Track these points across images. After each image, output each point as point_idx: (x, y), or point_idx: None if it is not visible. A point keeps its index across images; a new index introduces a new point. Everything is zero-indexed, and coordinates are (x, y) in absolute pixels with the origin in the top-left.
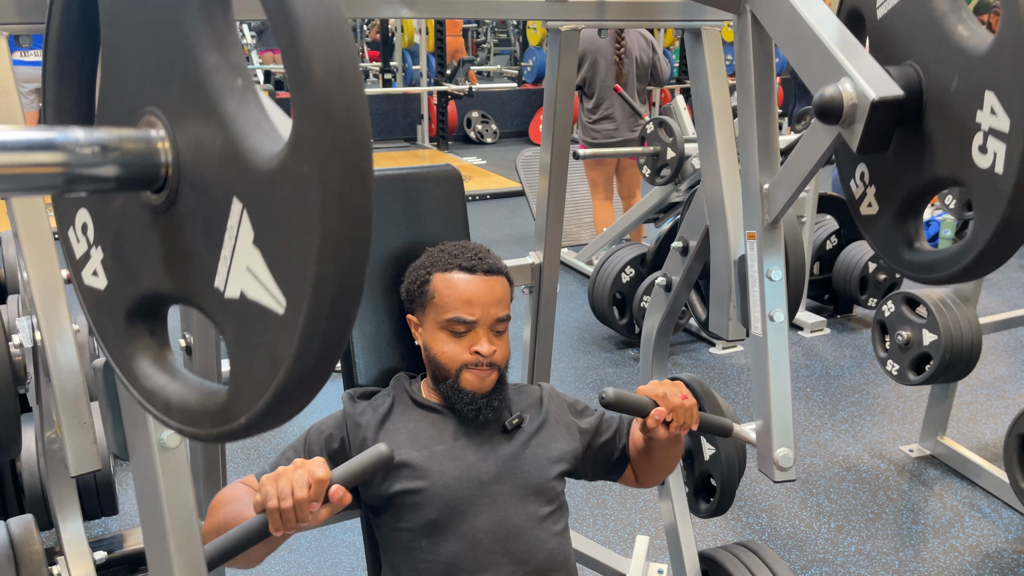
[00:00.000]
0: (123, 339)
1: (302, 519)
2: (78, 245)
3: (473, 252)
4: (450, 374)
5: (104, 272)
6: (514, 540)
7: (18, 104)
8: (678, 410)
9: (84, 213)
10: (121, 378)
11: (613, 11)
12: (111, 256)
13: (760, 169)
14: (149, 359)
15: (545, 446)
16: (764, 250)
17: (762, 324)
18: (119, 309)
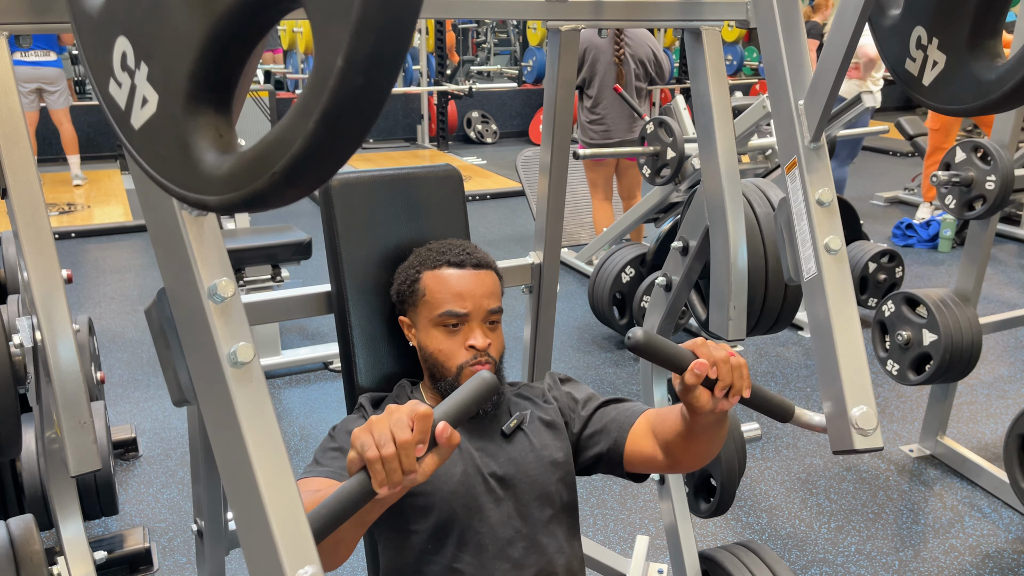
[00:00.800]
0: (187, 139)
1: (408, 468)
2: (122, 90)
3: (460, 248)
4: (449, 373)
5: (152, 86)
6: (518, 544)
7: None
8: (723, 366)
9: (122, 41)
10: (189, 197)
11: (613, 11)
12: (153, 44)
13: (792, 86)
14: (218, 148)
15: (549, 446)
16: (809, 171)
17: (816, 259)
18: (177, 107)
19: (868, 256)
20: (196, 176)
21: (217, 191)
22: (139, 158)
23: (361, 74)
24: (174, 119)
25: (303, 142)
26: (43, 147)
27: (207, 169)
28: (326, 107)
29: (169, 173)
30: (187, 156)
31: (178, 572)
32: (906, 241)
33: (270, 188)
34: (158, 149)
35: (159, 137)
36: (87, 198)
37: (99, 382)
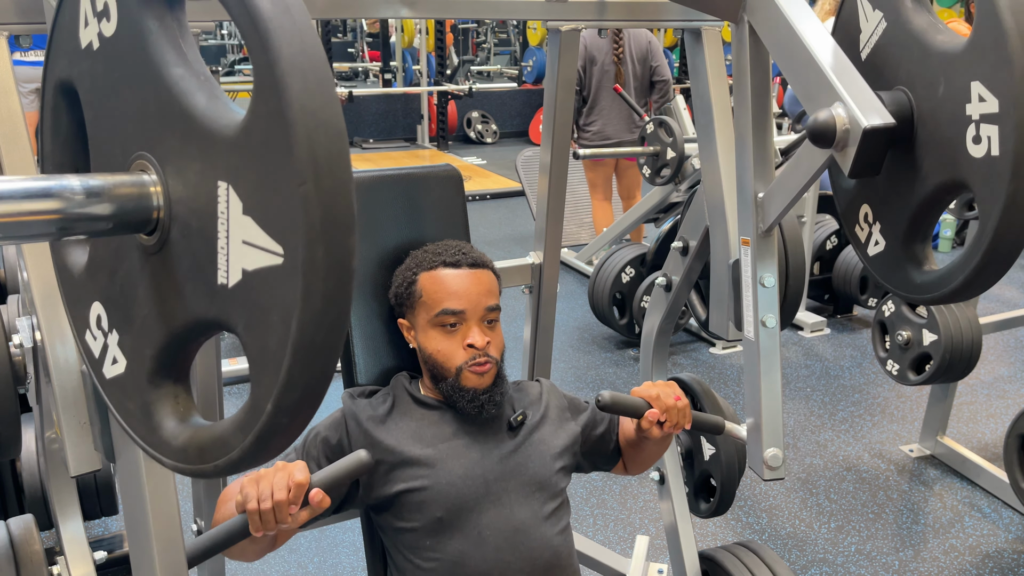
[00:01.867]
0: (150, 406)
1: (281, 520)
2: (95, 343)
3: (456, 248)
4: (449, 373)
5: (122, 352)
6: (520, 537)
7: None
8: (671, 411)
9: (97, 306)
10: (148, 451)
11: (613, 11)
12: (124, 320)
13: (755, 177)
14: (176, 416)
15: (547, 442)
16: (758, 257)
17: (755, 328)
18: (141, 375)
19: None
20: (156, 438)
21: (171, 458)
22: (109, 403)
23: (287, 415)
24: (139, 386)
25: (239, 452)
26: None
27: (166, 436)
28: (260, 432)
29: (133, 427)
30: (149, 418)
31: None
32: None
33: (213, 472)
34: (126, 403)
35: (126, 393)
36: None
37: None
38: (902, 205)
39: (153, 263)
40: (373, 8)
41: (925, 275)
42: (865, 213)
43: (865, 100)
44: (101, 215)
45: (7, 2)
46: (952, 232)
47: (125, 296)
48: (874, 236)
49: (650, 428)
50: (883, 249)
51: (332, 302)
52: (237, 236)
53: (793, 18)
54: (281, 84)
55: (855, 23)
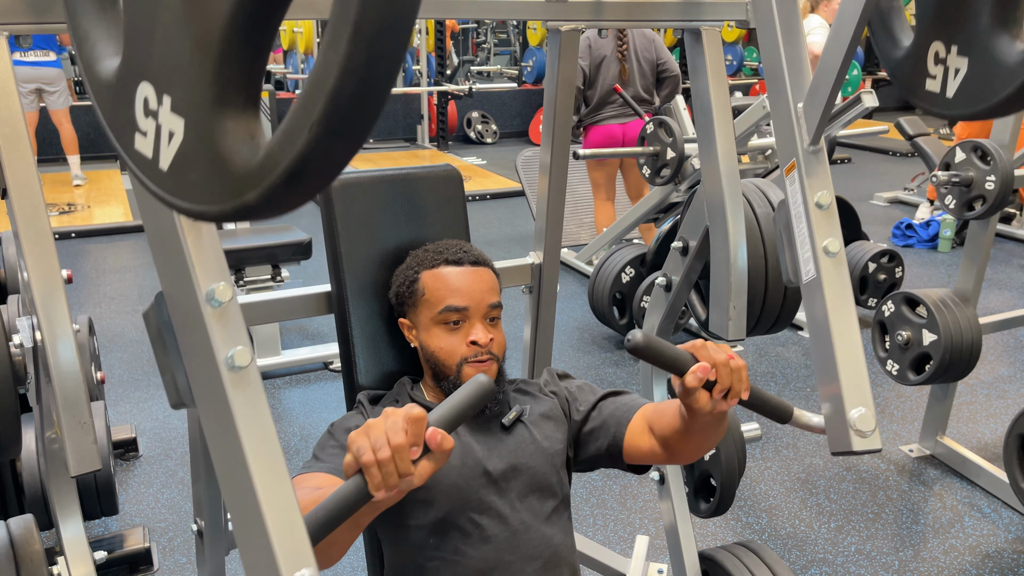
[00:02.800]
0: (219, 140)
1: (404, 471)
2: (147, 139)
3: (457, 246)
4: (451, 370)
5: (177, 113)
6: (521, 536)
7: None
8: (723, 369)
9: (144, 87)
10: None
11: (613, 11)
12: (172, 70)
13: (792, 89)
14: (248, 144)
15: (549, 438)
16: (808, 175)
17: (815, 261)
18: (204, 108)
19: (868, 256)
20: (232, 180)
21: (256, 182)
22: (172, 199)
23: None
24: (202, 135)
25: (339, 73)
26: (43, 147)
27: (242, 167)
28: (355, 22)
29: (204, 195)
30: (221, 164)
31: (178, 572)
32: (906, 241)
33: (314, 141)
34: (190, 177)
35: (189, 163)
36: (87, 198)
37: (99, 382)
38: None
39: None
40: None
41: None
42: (935, 53)
43: None
44: None
45: (7, 2)
46: (952, 232)
47: (168, 37)
48: (951, 66)
49: (696, 391)
50: (966, 70)
51: None
52: None
53: None
54: None
55: None
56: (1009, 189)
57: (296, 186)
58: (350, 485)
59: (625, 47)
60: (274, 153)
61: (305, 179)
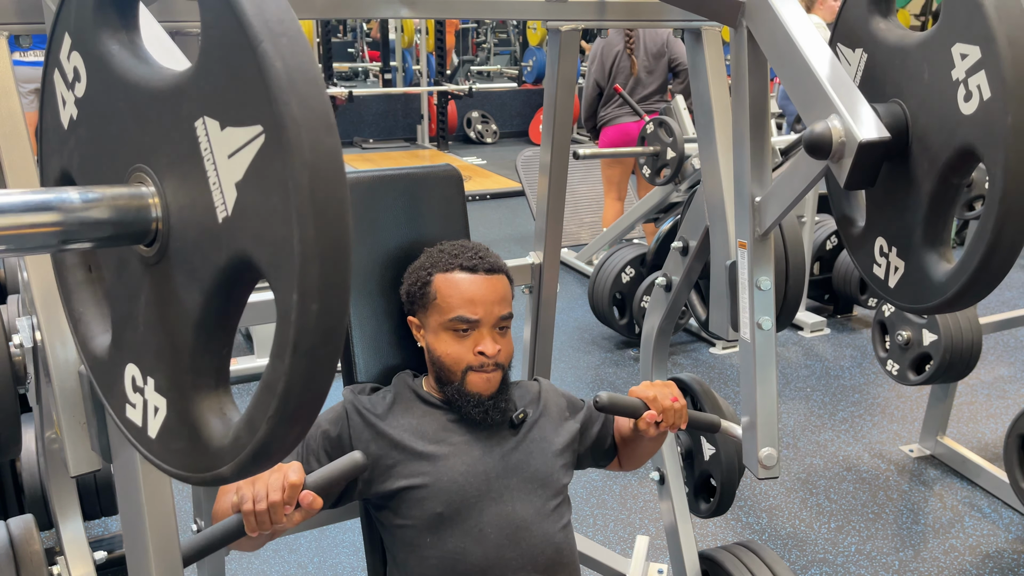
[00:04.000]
0: (197, 417)
1: (276, 521)
2: (136, 410)
3: (473, 251)
4: (456, 376)
5: (159, 393)
6: (522, 534)
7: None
8: (668, 412)
9: (131, 368)
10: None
11: (613, 11)
12: (155, 357)
13: (752, 181)
14: (221, 419)
15: (548, 439)
16: (754, 260)
17: (751, 330)
18: (184, 392)
19: None
20: (209, 454)
21: (229, 458)
22: (160, 463)
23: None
24: (183, 411)
25: (285, 380)
26: None
27: (216, 443)
28: (294, 341)
29: (186, 463)
30: (198, 438)
31: None
32: None
33: (271, 431)
34: (173, 446)
35: (172, 435)
36: None
37: None
38: (913, 209)
39: (154, 274)
40: (373, 8)
41: (949, 271)
42: (880, 246)
43: (861, 113)
44: (101, 221)
45: (7, 2)
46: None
47: (149, 330)
48: (892, 264)
49: (647, 429)
50: (903, 271)
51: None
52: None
53: (791, 28)
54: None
55: None
56: None
57: (261, 462)
58: (232, 522)
59: (633, 42)
60: (241, 436)
61: (268, 457)
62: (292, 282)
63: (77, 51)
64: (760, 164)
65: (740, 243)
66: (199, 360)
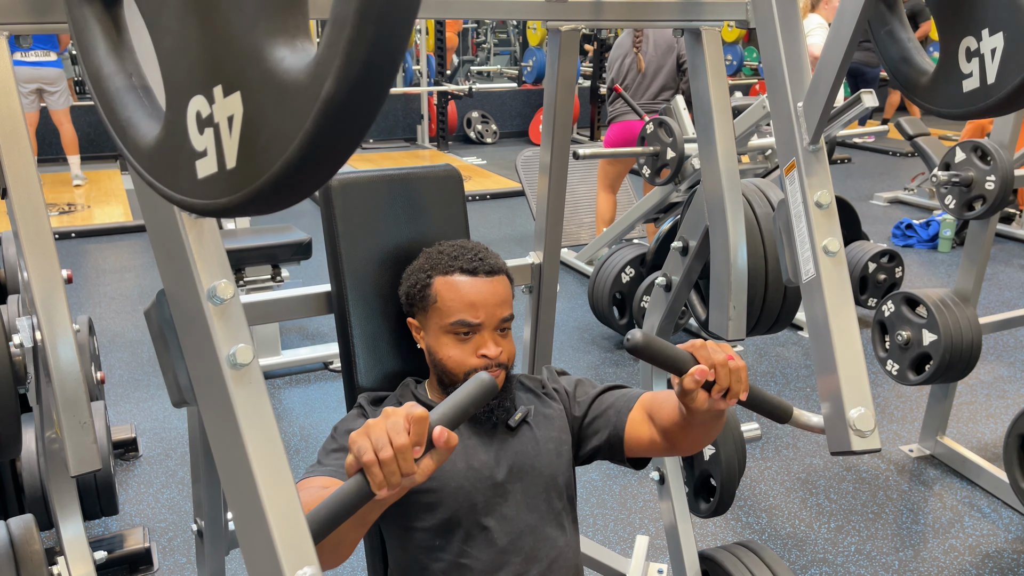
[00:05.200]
0: (267, 53)
1: (406, 471)
2: (207, 160)
3: (473, 253)
4: (458, 378)
5: (227, 90)
6: (527, 537)
7: (18, 105)
8: (722, 369)
9: (196, 101)
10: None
11: (613, 11)
12: (217, 50)
13: (791, 89)
14: (293, 45)
15: (554, 439)
16: (809, 173)
17: (815, 261)
18: (258, 44)
19: (868, 256)
20: (296, 99)
21: (314, 91)
22: (252, 187)
23: None
24: (260, 82)
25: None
26: (43, 147)
27: (298, 79)
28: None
29: (278, 146)
30: (283, 92)
31: (178, 572)
32: (906, 241)
33: (358, 30)
34: (260, 141)
35: (256, 129)
36: (87, 198)
37: (99, 382)
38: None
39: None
40: None
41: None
42: (966, 48)
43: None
44: None
45: (7, 2)
46: (952, 232)
47: (208, 28)
48: (986, 49)
49: (695, 391)
50: (1004, 45)
51: None
52: None
53: None
54: None
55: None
56: (1009, 189)
57: (357, 82)
58: (352, 484)
59: (640, 38)
60: (322, 61)
61: (365, 68)
62: None
63: None
64: (797, 68)
65: (787, 168)
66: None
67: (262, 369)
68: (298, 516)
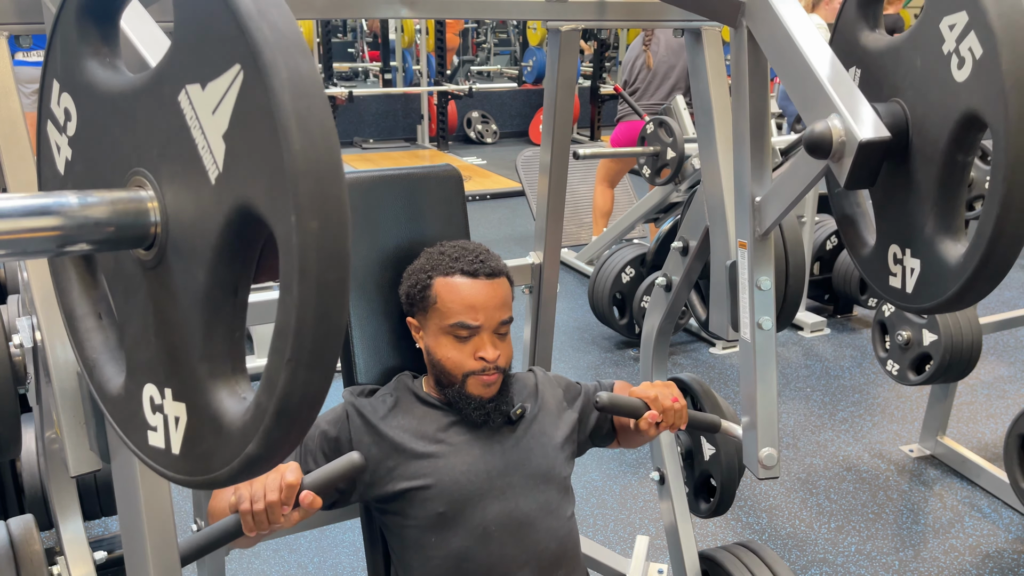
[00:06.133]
0: (216, 406)
1: (274, 520)
2: (158, 434)
3: (474, 255)
4: (456, 380)
5: (177, 400)
6: (525, 531)
7: (19, 106)
8: (668, 412)
9: (148, 388)
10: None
11: (613, 11)
12: (170, 363)
13: (752, 181)
14: (236, 397)
15: (549, 433)
16: (755, 260)
17: (751, 330)
18: (201, 386)
19: None
20: (233, 439)
21: (252, 432)
22: (188, 478)
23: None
24: (202, 408)
25: (296, 314)
26: None
27: (238, 422)
28: (299, 268)
29: (214, 462)
30: (220, 429)
31: None
32: None
33: (291, 378)
34: (198, 450)
35: (196, 439)
36: None
37: None
38: (922, 201)
39: (157, 275)
40: (373, 8)
41: (961, 252)
42: (893, 254)
43: (861, 113)
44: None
45: (7, 2)
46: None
47: (159, 339)
48: (907, 266)
49: (648, 429)
50: (919, 270)
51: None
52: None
53: (792, 27)
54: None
55: None
56: None
57: (286, 423)
58: (230, 521)
59: (650, 37)
60: (261, 401)
61: (291, 415)
62: (288, 204)
63: (66, 91)
64: (760, 164)
65: (740, 243)
66: (211, 345)
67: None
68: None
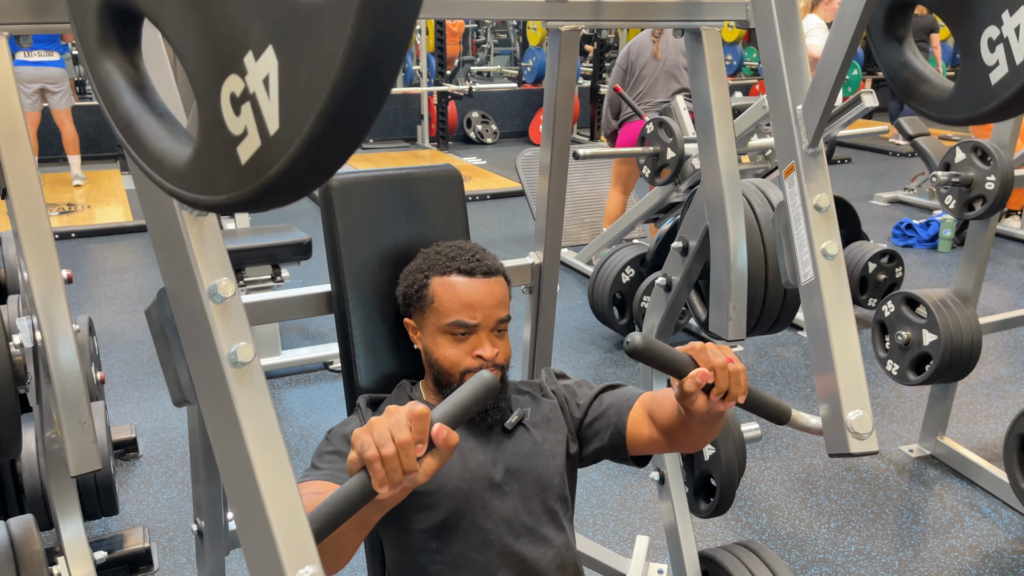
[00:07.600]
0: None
1: (408, 468)
2: (248, 140)
3: (471, 254)
4: (454, 379)
5: (261, 55)
6: (525, 538)
7: (18, 105)
8: (721, 372)
9: (230, 81)
10: None
11: (613, 11)
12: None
13: (791, 91)
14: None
15: (550, 440)
16: (807, 178)
17: (813, 263)
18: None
19: (868, 256)
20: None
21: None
22: (292, 152)
23: None
24: (296, 32)
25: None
26: (43, 147)
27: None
28: None
29: (312, 91)
30: (318, 41)
31: (178, 572)
32: (906, 241)
33: None
34: (300, 105)
35: (294, 86)
36: (87, 198)
37: (99, 382)
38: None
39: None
40: None
41: None
42: (989, 38)
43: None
44: None
45: (7, 2)
46: (952, 232)
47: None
48: (1009, 32)
49: (694, 394)
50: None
51: None
52: None
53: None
54: None
55: None
56: (1009, 189)
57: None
58: (354, 482)
59: (659, 32)
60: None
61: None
62: None
63: None
64: (796, 70)
65: (787, 168)
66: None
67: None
68: (299, 515)
